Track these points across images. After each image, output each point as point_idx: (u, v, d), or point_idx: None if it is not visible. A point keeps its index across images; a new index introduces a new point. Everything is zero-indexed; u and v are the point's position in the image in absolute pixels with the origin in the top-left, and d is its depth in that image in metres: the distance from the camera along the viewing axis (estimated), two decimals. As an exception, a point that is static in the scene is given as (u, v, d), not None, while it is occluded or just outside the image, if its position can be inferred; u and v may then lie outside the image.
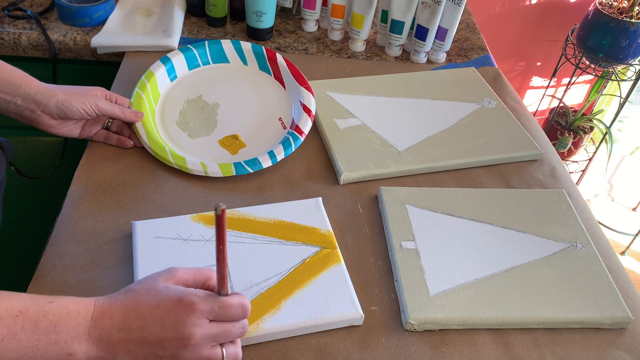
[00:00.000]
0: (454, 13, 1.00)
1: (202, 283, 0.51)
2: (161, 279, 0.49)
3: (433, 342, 0.61)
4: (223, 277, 0.47)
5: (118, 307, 0.47)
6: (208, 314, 0.47)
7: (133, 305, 0.47)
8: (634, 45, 1.45)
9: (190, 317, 0.46)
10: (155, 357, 0.47)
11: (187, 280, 0.50)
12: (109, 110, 0.76)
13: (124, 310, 0.47)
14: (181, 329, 0.46)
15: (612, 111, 1.81)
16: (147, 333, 0.46)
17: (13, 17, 1.03)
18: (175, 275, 0.50)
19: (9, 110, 0.72)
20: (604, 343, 0.63)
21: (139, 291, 0.48)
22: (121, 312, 0.47)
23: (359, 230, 0.73)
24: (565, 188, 0.82)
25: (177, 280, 0.49)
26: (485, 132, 0.88)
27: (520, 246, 0.71)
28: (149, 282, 0.49)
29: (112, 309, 0.47)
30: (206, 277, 0.51)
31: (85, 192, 0.74)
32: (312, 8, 1.08)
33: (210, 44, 0.92)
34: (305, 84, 0.87)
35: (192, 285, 0.50)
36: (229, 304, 0.48)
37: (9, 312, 0.44)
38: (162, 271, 0.50)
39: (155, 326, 0.46)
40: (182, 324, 0.46)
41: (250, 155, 0.80)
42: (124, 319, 0.46)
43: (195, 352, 0.47)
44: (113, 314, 0.47)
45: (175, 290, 0.48)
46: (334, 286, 0.63)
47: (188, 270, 0.50)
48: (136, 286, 0.49)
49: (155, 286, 0.48)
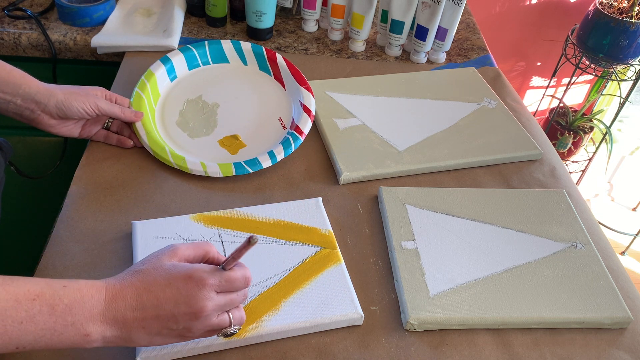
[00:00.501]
0: (454, 13, 1.00)
1: (201, 257, 0.54)
2: (165, 257, 0.51)
3: (433, 342, 0.61)
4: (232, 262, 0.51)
5: (129, 287, 0.49)
6: (216, 287, 0.50)
7: (144, 285, 0.49)
8: (634, 45, 1.45)
9: (201, 292, 0.49)
10: (168, 330, 0.50)
11: (189, 256, 0.53)
12: (109, 110, 0.76)
13: (136, 290, 0.49)
14: (193, 303, 0.49)
15: (612, 111, 1.81)
16: (160, 310, 0.49)
17: (13, 17, 1.03)
18: (178, 252, 0.52)
19: (8, 110, 0.72)
20: (604, 343, 0.63)
21: (147, 271, 0.50)
22: (133, 293, 0.49)
23: (359, 230, 0.73)
24: (565, 188, 0.82)
25: (180, 257, 0.52)
26: (485, 132, 0.88)
27: (520, 246, 0.71)
28: (154, 262, 0.51)
29: (124, 290, 0.49)
30: (205, 250, 0.54)
31: (85, 192, 0.74)
32: (312, 8, 1.08)
33: (210, 44, 0.92)
34: (305, 84, 0.87)
35: (194, 260, 0.53)
36: (233, 277, 0.51)
37: (27, 296, 0.45)
38: (163, 249, 0.53)
39: (168, 303, 0.49)
40: (193, 298, 0.49)
41: (250, 155, 0.80)
42: (137, 299, 0.49)
43: (206, 321, 0.51)
44: (125, 295, 0.49)
45: (183, 267, 0.51)
46: (334, 286, 0.63)
47: (188, 247, 0.53)
48: (143, 266, 0.51)
49: (162, 265, 0.51)
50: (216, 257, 0.55)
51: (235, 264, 0.52)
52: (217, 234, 0.68)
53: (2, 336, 0.44)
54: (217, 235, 0.67)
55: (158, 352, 0.55)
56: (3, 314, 0.44)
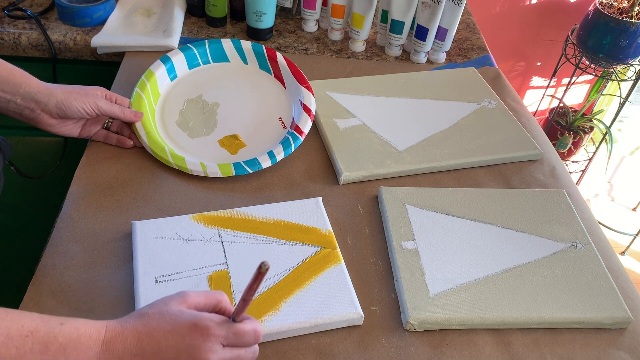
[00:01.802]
0: (454, 13, 1.00)
1: (213, 306, 0.51)
2: (174, 303, 0.49)
3: (433, 342, 0.61)
4: (243, 309, 0.48)
5: (130, 331, 0.47)
6: (222, 339, 0.47)
7: (146, 329, 0.47)
8: (634, 45, 1.45)
9: (205, 343, 0.46)
10: None
11: (199, 304, 0.50)
12: (109, 110, 0.76)
13: (137, 334, 0.47)
14: (196, 355, 0.46)
15: (612, 111, 1.81)
16: (160, 358, 0.46)
17: (13, 17, 1.03)
18: (188, 299, 0.49)
19: (8, 109, 0.72)
20: (604, 343, 0.63)
21: (151, 315, 0.48)
22: (134, 337, 0.46)
23: (359, 230, 0.73)
24: (565, 188, 0.82)
25: (189, 304, 0.49)
26: (485, 132, 0.88)
27: (520, 246, 0.71)
28: (161, 306, 0.49)
29: (125, 333, 0.47)
30: (217, 300, 0.51)
31: (85, 192, 0.74)
32: (312, 8, 1.08)
33: (210, 43, 0.92)
34: (305, 84, 0.87)
35: (204, 308, 0.50)
36: (243, 330, 0.48)
37: (20, 332, 0.43)
38: (173, 295, 0.50)
39: (169, 351, 0.46)
40: (197, 349, 0.46)
41: (250, 155, 0.80)
42: (137, 344, 0.46)
43: None
44: (125, 338, 0.46)
45: (190, 314, 0.48)
46: (334, 286, 0.63)
47: (199, 294, 0.50)
48: (148, 310, 0.49)
49: (169, 310, 0.48)
50: (228, 307, 0.52)
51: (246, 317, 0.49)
52: (217, 234, 0.68)
53: None
54: (217, 235, 0.67)
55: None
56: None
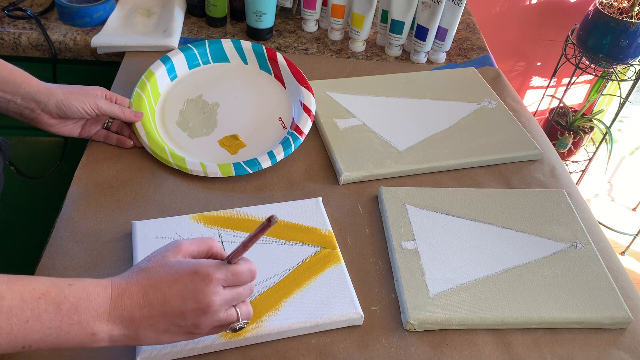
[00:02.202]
0: (454, 13, 1.00)
1: (205, 252, 0.53)
2: (170, 254, 0.51)
3: (433, 342, 0.61)
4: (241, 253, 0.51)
5: (135, 286, 0.49)
6: (223, 281, 0.50)
7: (150, 282, 0.49)
8: (634, 45, 1.45)
9: (208, 287, 0.49)
10: (176, 327, 0.50)
11: (193, 252, 0.53)
12: (109, 110, 0.76)
13: (142, 288, 0.49)
14: (201, 299, 0.49)
15: (612, 111, 1.81)
16: (168, 307, 0.48)
17: (13, 17, 1.03)
18: (182, 248, 0.52)
19: (8, 109, 0.72)
20: (604, 343, 0.63)
21: (152, 268, 0.50)
22: (140, 291, 0.49)
23: (359, 230, 0.73)
24: (565, 188, 0.82)
25: (184, 253, 0.52)
26: (485, 132, 0.88)
27: (520, 246, 0.71)
28: (159, 259, 0.51)
29: (130, 288, 0.49)
30: (209, 245, 0.54)
31: (85, 192, 0.74)
32: (312, 8, 1.08)
33: (210, 43, 0.92)
34: (305, 84, 0.87)
35: (198, 255, 0.53)
36: (240, 270, 0.51)
37: (32, 295, 0.45)
38: (167, 245, 0.52)
39: (175, 299, 0.48)
40: (201, 293, 0.49)
41: (250, 155, 0.80)
42: (144, 297, 0.48)
43: (214, 316, 0.50)
44: (132, 293, 0.48)
45: (188, 263, 0.50)
46: (334, 286, 0.63)
47: (192, 242, 0.53)
48: (147, 264, 0.51)
49: (167, 261, 0.50)
50: (220, 252, 0.54)
51: (240, 258, 0.52)
52: (217, 234, 0.68)
53: (9, 335, 0.44)
54: (217, 235, 0.67)
55: (158, 352, 0.55)
56: (8, 313, 0.44)
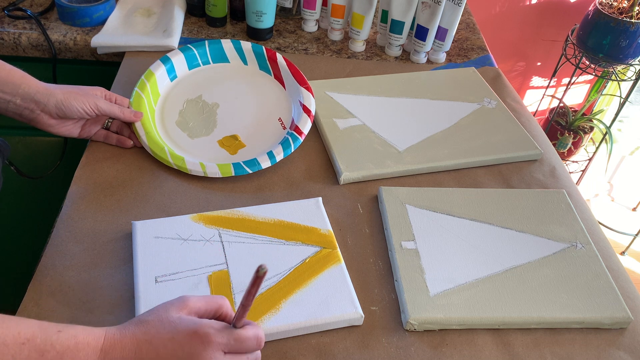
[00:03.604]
0: (454, 13, 1.00)
1: (214, 311, 0.50)
2: (173, 309, 0.48)
3: (433, 342, 0.61)
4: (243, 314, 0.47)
5: (129, 338, 0.46)
6: (224, 346, 0.47)
7: (145, 337, 0.46)
8: (634, 45, 1.45)
9: (206, 350, 0.46)
10: None
11: (200, 309, 0.49)
12: (109, 110, 0.76)
13: (136, 342, 0.46)
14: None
15: (612, 111, 1.81)
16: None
17: (13, 17, 1.03)
18: (188, 304, 0.49)
19: (8, 109, 0.72)
20: (604, 343, 0.63)
21: (151, 322, 0.47)
22: (133, 344, 0.46)
23: (359, 230, 0.73)
24: (565, 188, 0.82)
25: (189, 310, 0.49)
26: (485, 132, 0.88)
27: (520, 246, 0.71)
28: (160, 313, 0.48)
29: (123, 340, 0.46)
30: (218, 304, 0.50)
31: (85, 192, 0.74)
32: (312, 8, 1.08)
33: (210, 43, 0.92)
34: (305, 84, 0.87)
35: (205, 314, 0.50)
36: (244, 336, 0.48)
37: (16, 340, 0.43)
38: (173, 300, 0.49)
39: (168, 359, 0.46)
40: (197, 357, 0.46)
41: (250, 155, 0.80)
42: (136, 352, 0.46)
43: None
44: (124, 346, 0.46)
45: (190, 321, 0.47)
46: (334, 286, 0.63)
47: (200, 299, 0.50)
48: (148, 317, 0.48)
49: (168, 317, 0.47)
50: (229, 313, 0.51)
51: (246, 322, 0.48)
52: (217, 234, 0.68)
53: None
54: (217, 235, 0.67)
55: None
56: None
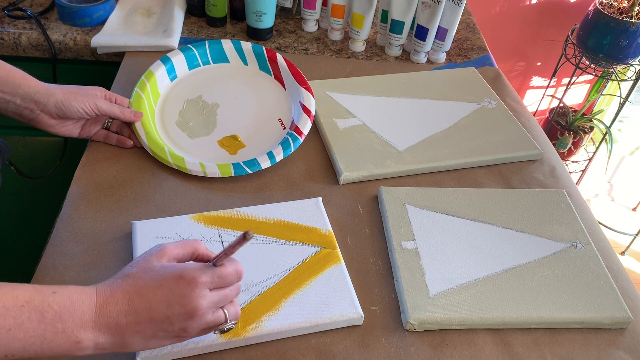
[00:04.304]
0: (454, 13, 1.00)
1: (190, 254, 0.53)
2: (154, 259, 0.51)
3: (433, 342, 0.61)
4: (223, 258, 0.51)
5: (120, 293, 0.48)
6: (209, 284, 0.50)
7: (135, 289, 0.49)
8: (634, 45, 1.45)
9: (194, 291, 0.49)
10: (164, 332, 0.49)
11: (178, 255, 0.52)
12: (108, 110, 0.76)
13: (127, 295, 0.48)
14: (187, 303, 0.48)
15: (612, 111, 1.81)
16: (154, 313, 0.48)
17: (13, 17, 1.03)
18: (166, 252, 0.51)
19: (8, 109, 0.72)
20: (604, 343, 0.63)
21: (136, 274, 0.50)
22: (125, 298, 0.48)
23: (359, 230, 0.73)
24: (565, 188, 0.82)
25: (169, 257, 0.51)
26: (485, 132, 0.88)
27: (520, 246, 0.71)
28: (143, 264, 0.50)
29: (115, 295, 0.48)
30: (194, 248, 0.53)
31: (85, 192, 0.74)
32: (312, 8, 1.08)
33: (210, 43, 0.92)
34: (305, 85, 0.87)
35: (183, 258, 0.53)
36: (225, 272, 0.51)
37: (15, 303, 0.44)
38: (151, 250, 0.52)
39: (161, 305, 0.48)
40: (187, 298, 0.48)
41: (250, 155, 0.80)
42: (129, 303, 0.48)
43: (202, 320, 0.50)
44: (117, 300, 0.48)
45: (173, 267, 0.50)
46: (334, 286, 0.63)
47: (177, 245, 0.53)
48: (132, 269, 0.50)
49: (152, 267, 0.50)
50: (205, 253, 0.54)
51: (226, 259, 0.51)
52: (217, 234, 0.68)
53: None
54: (217, 235, 0.67)
55: (158, 352, 0.55)
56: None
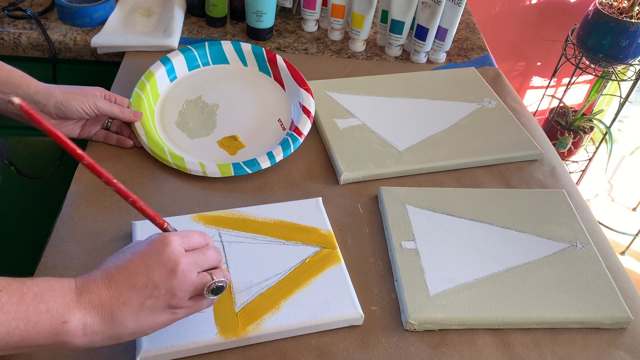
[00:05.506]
0: (454, 13, 1.00)
1: None
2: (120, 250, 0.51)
3: (433, 342, 0.61)
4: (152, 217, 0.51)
5: (98, 273, 0.49)
6: (181, 243, 0.50)
7: (110, 266, 0.49)
8: (634, 45, 1.45)
9: (169, 247, 0.49)
10: (151, 299, 0.48)
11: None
12: (108, 110, 0.76)
13: (105, 272, 0.49)
14: (165, 260, 0.48)
15: (612, 111, 1.81)
16: (135, 278, 0.48)
17: (13, 17, 1.03)
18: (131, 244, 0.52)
19: (7, 110, 0.72)
20: (604, 343, 0.63)
21: (109, 260, 0.50)
22: (103, 275, 0.48)
23: (359, 230, 0.73)
24: (565, 188, 0.82)
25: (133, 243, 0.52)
26: (485, 132, 0.88)
27: (520, 246, 0.71)
28: (113, 255, 0.51)
29: (93, 275, 0.49)
30: None
31: (85, 192, 0.74)
32: (312, 8, 1.08)
33: (210, 44, 0.92)
34: (304, 86, 0.87)
35: None
36: (186, 232, 0.52)
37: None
38: None
39: (140, 268, 0.48)
40: (164, 255, 0.49)
41: (249, 156, 0.80)
42: (108, 277, 0.48)
43: (186, 278, 0.49)
44: (95, 279, 0.48)
45: (142, 240, 0.51)
46: (334, 286, 0.63)
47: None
48: (104, 263, 0.50)
49: (121, 250, 0.51)
50: None
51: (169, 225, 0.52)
52: (217, 234, 0.68)
53: None
54: (217, 235, 0.67)
55: (157, 352, 0.55)
56: None
